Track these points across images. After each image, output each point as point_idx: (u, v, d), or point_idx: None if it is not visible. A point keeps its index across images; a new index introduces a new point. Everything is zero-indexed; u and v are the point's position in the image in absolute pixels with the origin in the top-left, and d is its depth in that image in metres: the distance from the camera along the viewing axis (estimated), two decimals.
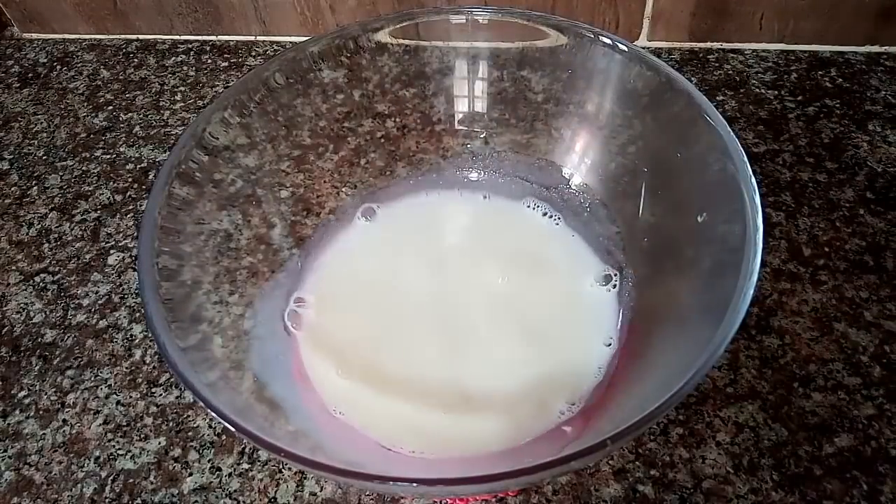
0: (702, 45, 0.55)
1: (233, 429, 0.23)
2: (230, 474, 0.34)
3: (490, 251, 0.38)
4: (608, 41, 0.34)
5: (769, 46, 0.54)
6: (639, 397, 0.28)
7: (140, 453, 0.35)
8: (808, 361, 0.36)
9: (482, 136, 0.41)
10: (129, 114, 0.55)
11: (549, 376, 0.33)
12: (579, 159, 0.39)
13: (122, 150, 0.52)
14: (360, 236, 0.39)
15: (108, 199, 0.49)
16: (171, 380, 0.38)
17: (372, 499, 0.32)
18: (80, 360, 0.39)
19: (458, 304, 0.36)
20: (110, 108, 0.56)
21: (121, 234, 0.46)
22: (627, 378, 0.32)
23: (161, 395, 0.37)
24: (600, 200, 0.39)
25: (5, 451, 0.36)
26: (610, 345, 0.34)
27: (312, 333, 0.35)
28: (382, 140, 0.41)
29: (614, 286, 0.36)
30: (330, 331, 0.35)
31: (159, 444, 0.35)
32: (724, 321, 0.23)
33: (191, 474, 0.34)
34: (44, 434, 0.36)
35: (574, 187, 0.40)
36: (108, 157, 0.52)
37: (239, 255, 0.35)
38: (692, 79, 0.52)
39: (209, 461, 0.34)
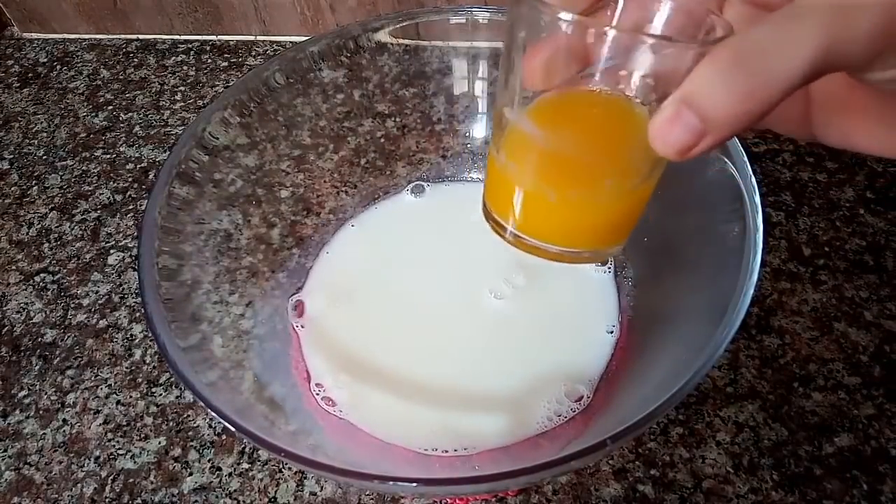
0: None
1: (233, 429, 0.23)
2: (230, 474, 0.34)
3: (488, 245, 0.38)
4: None
5: None
6: (639, 396, 0.28)
7: (140, 453, 0.35)
8: (808, 361, 0.36)
9: (482, 135, 0.41)
10: (129, 114, 0.55)
11: (554, 369, 0.33)
12: None
13: (122, 149, 0.52)
14: (360, 234, 0.39)
15: (108, 198, 0.49)
16: (171, 380, 0.38)
17: (372, 498, 0.32)
18: (80, 359, 0.39)
19: (460, 299, 0.36)
20: (110, 107, 0.56)
21: (121, 234, 0.46)
22: (628, 377, 0.32)
23: (161, 394, 0.37)
24: None
25: (5, 450, 0.36)
26: (612, 332, 0.34)
27: (313, 332, 0.35)
28: (382, 140, 0.41)
29: (609, 269, 0.36)
30: (331, 330, 0.35)
31: (159, 443, 0.35)
32: (724, 321, 0.24)
33: (191, 474, 0.34)
34: (44, 434, 0.36)
35: None
36: (108, 156, 0.52)
37: (239, 254, 0.35)
38: None
39: (209, 461, 0.34)
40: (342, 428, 0.32)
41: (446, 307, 0.36)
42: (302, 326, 0.35)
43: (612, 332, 0.34)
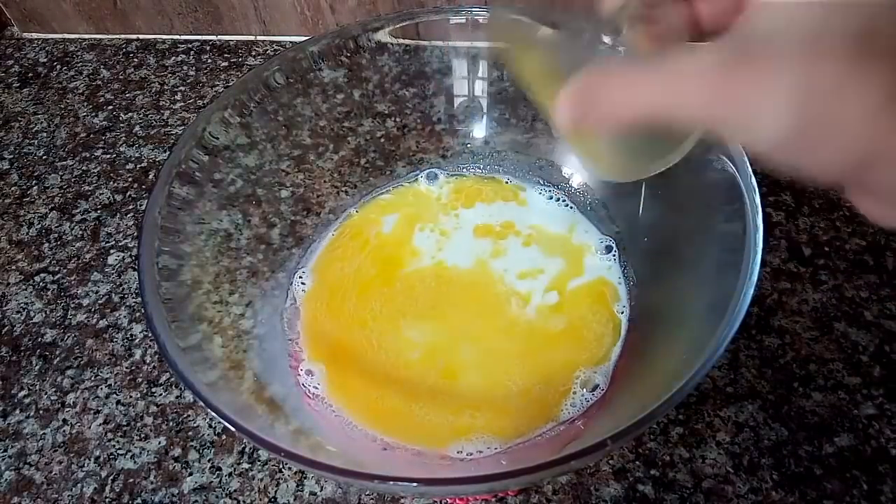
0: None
1: (233, 428, 0.23)
2: (230, 474, 0.34)
3: (490, 239, 0.38)
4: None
5: None
6: (639, 396, 0.28)
7: (140, 453, 0.35)
8: (808, 361, 0.36)
9: (482, 135, 0.41)
10: (129, 113, 0.55)
11: (565, 362, 0.33)
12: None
13: (122, 149, 0.52)
14: (358, 229, 0.39)
15: (108, 198, 0.49)
16: (171, 379, 0.38)
17: (372, 498, 0.32)
18: (80, 359, 0.39)
19: (465, 294, 0.36)
20: (110, 107, 0.56)
21: (121, 234, 0.46)
22: (628, 377, 0.32)
23: (161, 394, 0.37)
24: (600, 200, 0.39)
25: (5, 450, 0.36)
26: (623, 312, 0.34)
27: (313, 331, 0.35)
28: (382, 140, 0.41)
29: (614, 256, 0.37)
30: (331, 328, 0.35)
31: (159, 443, 0.35)
32: (724, 321, 0.24)
33: (191, 474, 0.34)
34: (44, 434, 0.36)
35: (574, 187, 0.40)
36: (108, 156, 0.52)
37: (239, 254, 0.35)
38: None
39: (209, 461, 0.34)
40: (342, 428, 0.32)
41: (450, 301, 0.36)
42: (301, 324, 0.35)
43: (623, 303, 0.34)
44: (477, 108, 0.41)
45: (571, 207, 0.39)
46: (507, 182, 0.41)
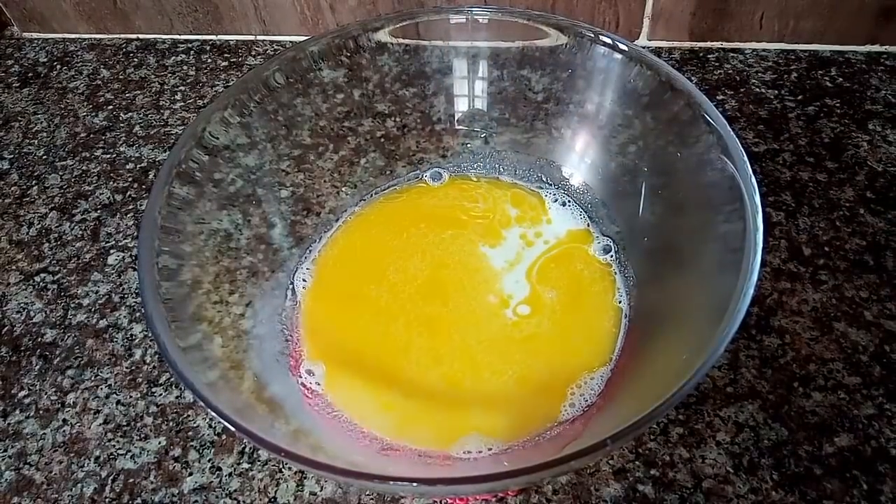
0: (702, 44, 0.55)
1: (233, 428, 0.23)
2: (230, 474, 0.34)
3: (491, 233, 0.38)
4: (608, 41, 0.34)
5: (769, 46, 0.54)
6: (639, 397, 0.28)
7: (140, 453, 0.35)
8: (808, 361, 0.36)
9: (482, 135, 0.41)
10: (129, 113, 0.55)
11: (563, 362, 0.33)
12: (579, 159, 0.40)
13: (122, 149, 0.52)
14: (359, 226, 0.39)
15: (108, 198, 0.49)
16: (171, 379, 0.38)
17: (372, 498, 0.32)
18: (80, 359, 0.39)
19: (462, 295, 0.36)
20: (110, 107, 0.56)
21: (121, 234, 0.46)
22: (628, 377, 0.32)
23: (161, 394, 0.37)
24: (600, 200, 0.39)
25: (5, 450, 0.36)
26: (623, 312, 0.34)
27: (313, 330, 0.35)
28: (382, 140, 0.41)
29: (612, 256, 0.37)
30: (331, 327, 0.35)
31: (159, 443, 0.35)
32: (724, 321, 0.24)
33: (191, 474, 0.34)
34: (44, 434, 0.36)
35: (574, 186, 0.40)
36: (108, 156, 0.52)
37: (239, 254, 0.35)
38: (692, 78, 0.52)
39: (209, 461, 0.34)
40: (342, 428, 0.32)
41: (447, 305, 0.36)
42: (301, 323, 0.35)
43: (619, 296, 0.34)
44: (477, 108, 0.41)
45: (567, 205, 0.39)
46: (514, 184, 0.41)
